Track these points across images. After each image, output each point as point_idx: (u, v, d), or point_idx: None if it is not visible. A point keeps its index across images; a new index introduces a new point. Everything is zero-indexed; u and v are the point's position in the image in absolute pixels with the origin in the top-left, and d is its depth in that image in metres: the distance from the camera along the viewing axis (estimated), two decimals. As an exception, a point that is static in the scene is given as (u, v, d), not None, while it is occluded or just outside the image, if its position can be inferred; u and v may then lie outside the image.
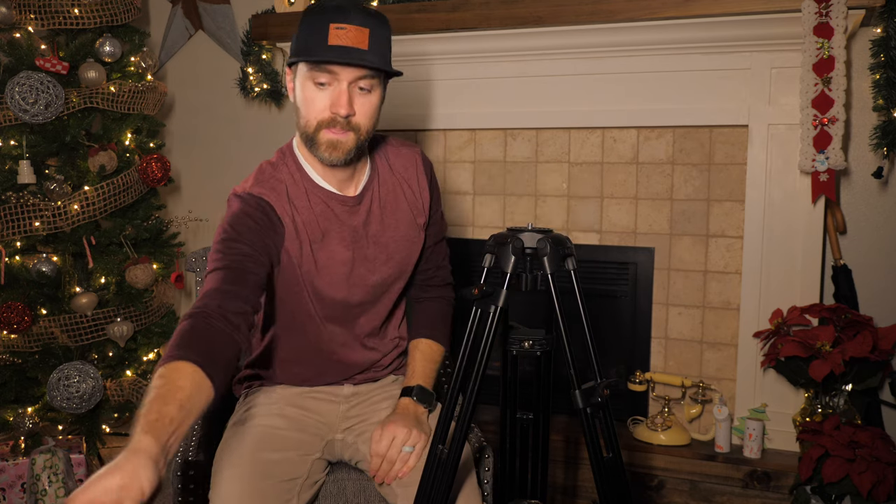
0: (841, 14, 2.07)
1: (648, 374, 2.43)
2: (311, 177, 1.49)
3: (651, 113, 2.41)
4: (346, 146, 1.39)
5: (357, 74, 1.35)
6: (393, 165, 1.58)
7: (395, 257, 1.58)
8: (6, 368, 2.62)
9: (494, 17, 2.41)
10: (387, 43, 1.39)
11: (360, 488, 1.55)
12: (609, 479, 1.30)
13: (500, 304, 1.25)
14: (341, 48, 1.31)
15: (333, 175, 1.49)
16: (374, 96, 1.39)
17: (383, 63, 1.37)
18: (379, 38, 1.36)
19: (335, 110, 1.36)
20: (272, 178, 1.47)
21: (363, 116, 1.39)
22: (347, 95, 1.35)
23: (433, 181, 1.64)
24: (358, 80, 1.36)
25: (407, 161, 1.59)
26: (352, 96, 1.36)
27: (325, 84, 1.36)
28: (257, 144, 3.29)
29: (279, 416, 1.52)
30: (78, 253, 2.67)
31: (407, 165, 1.59)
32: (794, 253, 2.28)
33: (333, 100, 1.36)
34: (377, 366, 1.65)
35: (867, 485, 1.90)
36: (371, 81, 1.37)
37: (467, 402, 1.28)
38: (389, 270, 1.58)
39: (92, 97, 2.63)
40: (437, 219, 1.66)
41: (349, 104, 1.35)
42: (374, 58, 1.34)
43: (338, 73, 1.34)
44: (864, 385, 2.15)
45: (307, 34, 1.35)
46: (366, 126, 1.41)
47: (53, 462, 2.36)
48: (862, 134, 2.40)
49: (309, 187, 1.49)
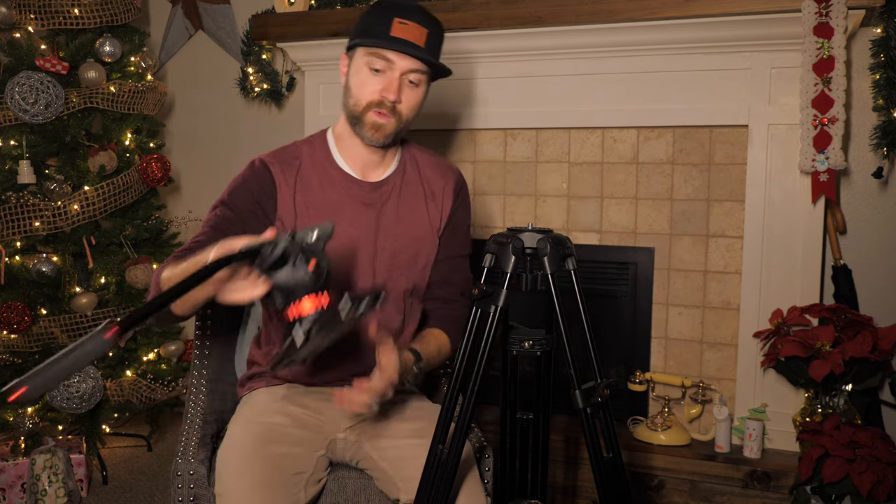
0: (841, 14, 2.07)
1: (648, 374, 2.44)
2: (334, 159, 1.58)
3: (651, 113, 2.41)
4: (387, 129, 1.50)
5: (410, 66, 1.47)
6: (422, 170, 1.65)
7: (403, 253, 1.59)
8: (6, 368, 2.62)
9: (494, 17, 2.41)
10: (439, 46, 1.53)
11: (361, 487, 1.55)
12: (609, 479, 1.30)
13: (500, 304, 1.25)
14: (401, 40, 1.44)
15: (359, 160, 1.57)
16: (419, 91, 1.51)
17: (436, 61, 1.50)
18: (434, 40, 1.49)
19: (385, 94, 1.47)
20: (288, 153, 1.57)
21: (407, 106, 1.50)
22: (398, 83, 1.47)
23: (461, 199, 1.69)
24: (409, 72, 1.47)
25: (438, 172, 1.67)
26: (401, 86, 1.47)
27: (379, 70, 1.47)
28: (257, 144, 3.29)
29: (282, 414, 1.53)
30: (78, 253, 2.67)
31: (437, 176, 1.66)
32: (794, 253, 2.28)
33: (385, 85, 1.47)
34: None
35: (867, 485, 1.90)
36: (420, 77, 1.49)
37: (467, 402, 1.28)
38: (396, 263, 1.59)
39: (92, 97, 2.63)
40: (456, 236, 1.68)
41: (399, 91, 1.47)
42: (428, 55, 1.47)
43: (394, 62, 1.46)
44: (864, 385, 2.15)
45: (371, 23, 1.47)
46: (407, 115, 1.52)
47: (53, 462, 2.36)
48: (862, 134, 2.40)
49: (329, 167, 1.57)
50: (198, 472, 1.54)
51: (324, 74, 2.78)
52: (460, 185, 1.69)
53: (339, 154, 1.58)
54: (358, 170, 1.58)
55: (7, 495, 2.42)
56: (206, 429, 1.68)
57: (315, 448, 1.51)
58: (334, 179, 1.56)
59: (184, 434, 1.65)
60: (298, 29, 2.68)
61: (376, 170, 1.60)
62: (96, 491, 2.58)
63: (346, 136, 1.57)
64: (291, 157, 1.56)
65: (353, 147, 1.57)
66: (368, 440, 1.54)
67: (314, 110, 2.82)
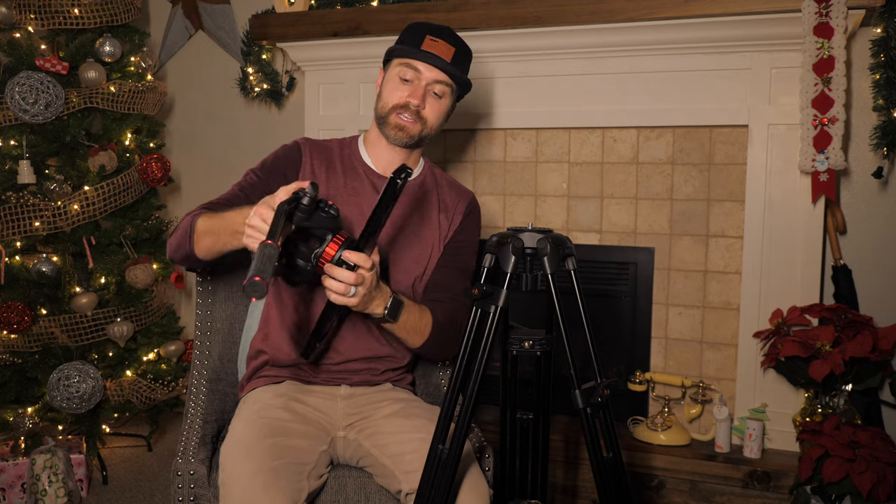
0: (841, 14, 2.07)
1: (648, 374, 2.44)
2: (361, 156, 1.73)
3: (651, 113, 2.41)
4: (411, 131, 1.64)
5: (436, 77, 1.62)
6: (440, 185, 1.78)
7: (409, 249, 1.67)
8: (6, 368, 2.62)
9: (494, 17, 2.41)
10: (466, 65, 1.68)
11: (361, 485, 1.55)
12: (609, 479, 1.30)
13: (500, 304, 1.25)
14: (430, 54, 1.61)
15: (384, 159, 1.71)
16: (443, 102, 1.66)
17: (460, 75, 1.65)
18: (461, 59, 1.65)
19: (410, 99, 1.62)
20: (322, 142, 1.75)
21: (431, 114, 1.65)
22: (423, 91, 1.62)
23: (471, 218, 1.78)
24: (435, 83, 1.63)
25: (455, 191, 1.79)
26: (426, 94, 1.63)
27: (408, 80, 1.63)
28: (257, 144, 3.29)
29: (284, 410, 1.54)
30: (78, 253, 2.67)
31: (453, 193, 1.78)
32: (794, 253, 2.28)
33: (411, 92, 1.63)
34: (371, 370, 1.67)
35: (867, 485, 1.90)
36: (444, 89, 1.64)
37: (467, 402, 1.28)
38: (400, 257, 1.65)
39: (92, 97, 2.63)
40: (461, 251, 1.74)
41: (423, 98, 1.62)
42: (453, 70, 1.63)
43: (421, 72, 1.62)
44: (864, 385, 2.15)
45: (407, 38, 1.65)
46: (431, 122, 1.66)
47: (53, 462, 2.36)
48: (862, 134, 2.40)
49: (355, 161, 1.72)
50: (198, 472, 1.54)
51: (324, 74, 2.78)
52: (472, 206, 1.80)
53: (366, 153, 1.73)
54: (381, 167, 1.71)
55: (7, 495, 2.42)
56: (206, 429, 1.68)
57: (318, 443, 1.52)
58: (358, 170, 1.71)
59: (184, 434, 1.65)
60: (298, 29, 2.68)
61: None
62: (96, 491, 2.58)
63: (373, 138, 1.72)
64: (324, 146, 1.74)
65: (380, 147, 1.71)
66: (368, 438, 1.55)
67: (314, 110, 2.82)
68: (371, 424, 1.57)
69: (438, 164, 2.72)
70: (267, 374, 1.67)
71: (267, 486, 1.33)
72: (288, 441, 1.45)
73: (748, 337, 2.33)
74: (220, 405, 1.76)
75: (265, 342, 1.68)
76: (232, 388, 1.80)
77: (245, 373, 1.73)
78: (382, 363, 1.68)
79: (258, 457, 1.39)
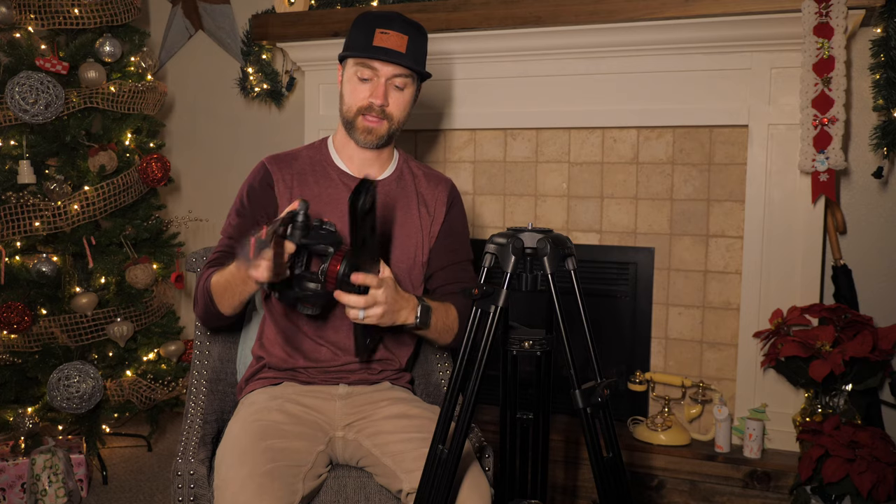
0: (841, 14, 2.07)
1: (648, 374, 2.44)
2: (332, 159, 1.68)
3: (651, 113, 2.41)
4: (379, 132, 1.61)
5: (394, 72, 1.57)
6: (417, 179, 1.73)
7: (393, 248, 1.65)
8: (6, 368, 2.62)
9: (494, 17, 2.41)
10: (422, 50, 1.62)
11: (361, 485, 1.55)
12: (609, 479, 1.30)
13: (500, 304, 1.25)
14: (383, 49, 1.55)
15: (356, 160, 1.67)
16: (406, 93, 1.61)
17: (416, 65, 1.59)
18: (416, 45, 1.59)
19: (372, 100, 1.58)
20: (286, 155, 1.70)
21: (396, 108, 1.61)
22: (384, 89, 1.58)
23: (455, 207, 1.75)
24: (394, 77, 1.58)
25: (432, 182, 1.75)
26: (388, 90, 1.58)
27: (367, 79, 1.58)
28: (257, 144, 3.29)
29: (280, 412, 1.54)
30: (78, 253, 2.67)
31: (431, 186, 1.74)
32: (794, 253, 2.28)
33: (372, 91, 1.58)
34: (369, 369, 1.67)
35: (867, 485, 1.90)
36: (405, 80, 1.59)
37: (467, 402, 1.28)
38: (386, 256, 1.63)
39: (92, 97, 2.63)
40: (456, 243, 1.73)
41: (385, 96, 1.58)
42: (409, 61, 1.57)
43: (378, 69, 1.57)
44: (864, 385, 2.15)
45: (357, 35, 1.58)
46: (398, 116, 1.62)
47: (53, 462, 2.36)
48: (862, 134, 2.40)
49: (327, 166, 1.68)
50: (198, 472, 1.54)
51: (324, 74, 2.78)
52: (453, 195, 1.76)
53: (337, 156, 1.69)
54: (355, 169, 1.68)
55: (7, 495, 2.42)
56: (206, 429, 1.68)
57: (315, 443, 1.52)
58: (331, 176, 1.66)
59: (184, 434, 1.65)
60: (298, 29, 2.68)
61: (371, 169, 1.69)
62: (96, 491, 2.58)
63: (343, 140, 1.68)
64: (290, 157, 1.68)
65: (350, 149, 1.67)
66: (368, 438, 1.55)
67: (314, 110, 2.82)
68: (371, 424, 1.57)
69: (437, 164, 2.72)
70: (265, 376, 1.67)
71: (260, 489, 1.33)
72: (283, 443, 1.45)
73: (748, 337, 2.33)
74: (219, 405, 1.76)
75: (262, 349, 1.69)
76: (232, 387, 1.80)
77: (244, 373, 1.73)
78: (380, 363, 1.68)
79: (251, 461, 1.39)
